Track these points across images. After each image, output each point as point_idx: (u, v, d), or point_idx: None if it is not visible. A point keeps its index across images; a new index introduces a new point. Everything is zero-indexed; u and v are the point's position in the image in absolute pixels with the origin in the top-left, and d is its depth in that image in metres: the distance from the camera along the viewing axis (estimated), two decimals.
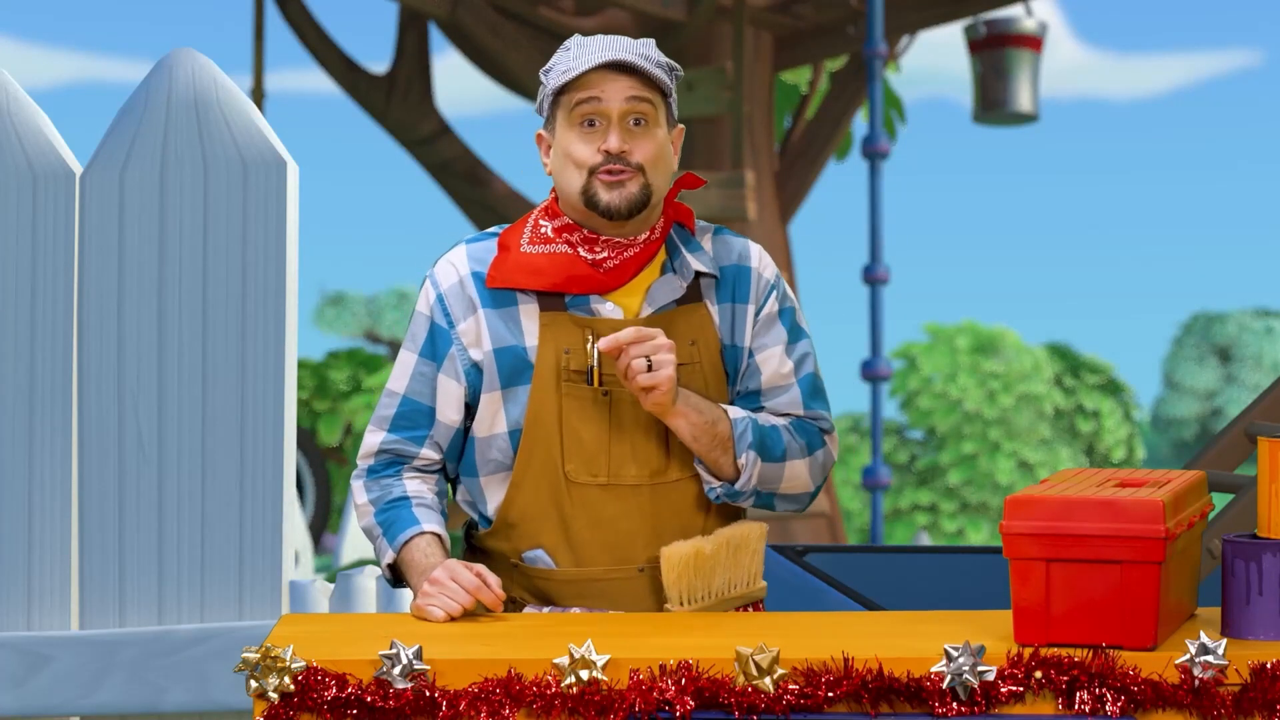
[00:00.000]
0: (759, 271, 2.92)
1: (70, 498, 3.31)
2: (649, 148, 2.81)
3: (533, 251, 2.85)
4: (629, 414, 2.82)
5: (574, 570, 2.82)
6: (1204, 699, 2.38)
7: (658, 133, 2.82)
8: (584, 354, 2.81)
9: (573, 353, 2.81)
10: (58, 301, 3.32)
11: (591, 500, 2.81)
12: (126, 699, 3.26)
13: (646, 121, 2.81)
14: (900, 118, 13.23)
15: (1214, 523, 3.59)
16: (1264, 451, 2.60)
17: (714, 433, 2.79)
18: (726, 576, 2.84)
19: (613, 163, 2.79)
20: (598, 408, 2.81)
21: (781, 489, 2.88)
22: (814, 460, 2.91)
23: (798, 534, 10.52)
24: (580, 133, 2.80)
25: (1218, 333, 39.96)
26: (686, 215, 2.92)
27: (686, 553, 2.79)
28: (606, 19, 10.92)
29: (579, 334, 2.81)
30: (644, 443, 2.82)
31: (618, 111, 2.79)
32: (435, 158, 11.07)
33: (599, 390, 2.81)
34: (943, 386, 27.98)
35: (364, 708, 2.39)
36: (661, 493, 2.83)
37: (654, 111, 2.82)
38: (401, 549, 2.82)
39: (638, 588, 2.83)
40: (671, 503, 2.83)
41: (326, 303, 39.06)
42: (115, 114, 3.37)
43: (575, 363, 2.80)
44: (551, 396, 2.80)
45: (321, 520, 15.48)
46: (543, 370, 2.80)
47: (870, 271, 9.50)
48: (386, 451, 2.88)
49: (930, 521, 27.52)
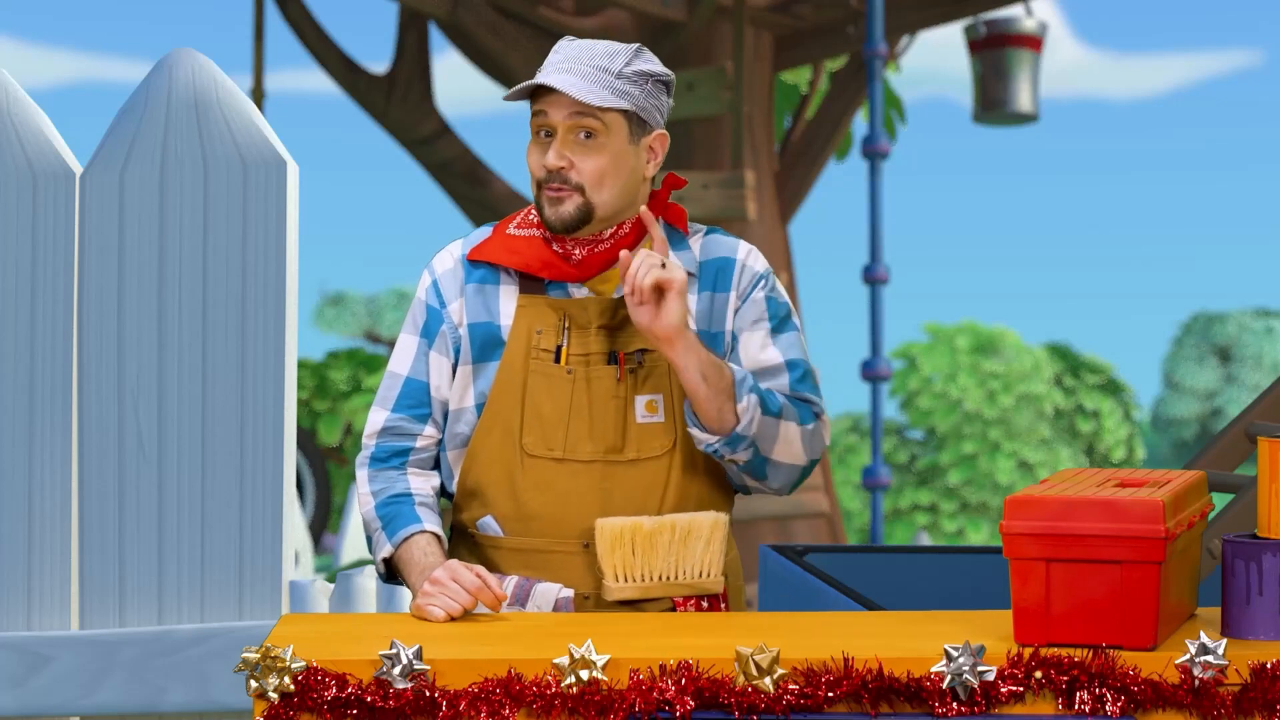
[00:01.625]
0: (744, 263, 2.96)
1: (70, 498, 3.31)
2: (591, 164, 2.85)
3: (516, 234, 2.95)
4: (591, 391, 2.88)
5: (520, 540, 2.89)
6: (1204, 699, 2.38)
7: (607, 147, 2.85)
8: (555, 334, 2.89)
9: (544, 332, 2.89)
10: (58, 301, 3.32)
11: (544, 473, 2.87)
12: (126, 699, 3.26)
13: (594, 135, 2.85)
14: (900, 118, 13.23)
15: (1214, 523, 3.59)
16: (1264, 451, 2.60)
17: (721, 374, 2.82)
18: (672, 561, 2.84)
19: (551, 180, 2.86)
20: (561, 384, 2.88)
21: (775, 453, 2.88)
22: (806, 430, 2.90)
23: (798, 534, 10.52)
24: (537, 142, 2.89)
25: (1218, 333, 39.95)
26: (678, 216, 2.96)
27: (623, 526, 2.81)
28: (606, 19, 10.92)
29: (554, 316, 2.90)
30: (602, 420, 2.87)
31: (563, 126, 2.85)
32: (435, 158, 11.07)
33: (564, 368, 2.87)
34: (943, 386, 27.98)
35: (364, 708, 2.39)
36: (615, 471, 2.87)
37: (602, 126, 2.84)
38: (400, 545, 2.86)
39: (580, 563, 2.87)
40: (624, 483, 2.87)
41: (326, 303, 39.06)
42: (115, 114, 3.37)
43: (545, 341, 2.89)
44: (518, 372, 2.88)
45: (321, 520, 15.48)
46: (513, 347, 2.89)
47: (870, 271, 9.50)
48: (390, 430, 2.96)
49: (930, 521, 27.52)
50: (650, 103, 2.88)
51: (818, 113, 11.48)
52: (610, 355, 2.89)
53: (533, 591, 2.88)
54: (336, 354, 20.66)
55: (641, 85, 2.87)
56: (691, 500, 2.91)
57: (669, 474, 2.89)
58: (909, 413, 28.36)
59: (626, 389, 2.89)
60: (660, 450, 2.89)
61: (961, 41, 11.44)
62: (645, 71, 2.87)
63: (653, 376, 2.90)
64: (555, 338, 2.89)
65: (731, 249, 2.97)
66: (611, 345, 2.89)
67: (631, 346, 2.90)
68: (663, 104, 2.91)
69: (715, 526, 2.85)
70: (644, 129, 2.89)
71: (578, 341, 2.89)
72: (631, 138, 2.87)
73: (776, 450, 2.88)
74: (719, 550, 2.87)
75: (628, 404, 2.88)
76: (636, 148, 2.88)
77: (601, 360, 2.88)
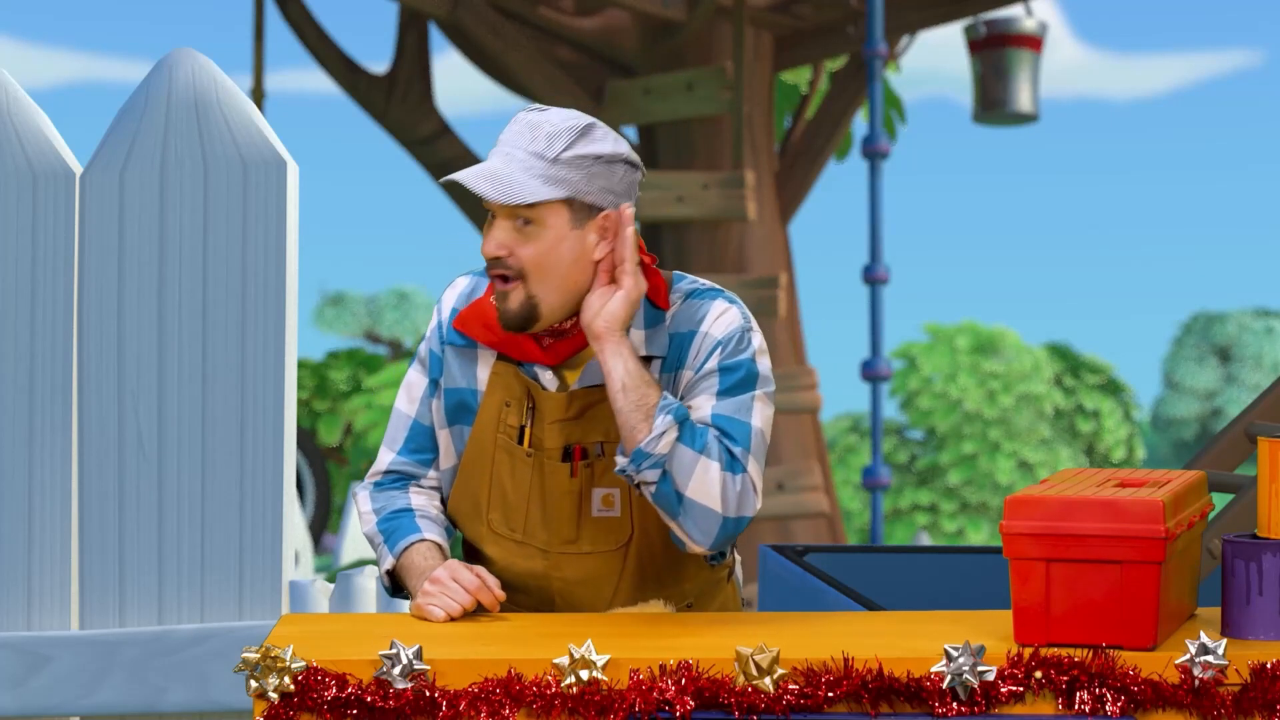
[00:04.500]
0: (706, 333, 2.80)
1: (70, 498, 3.31)
2: (529, 252, 2.73)
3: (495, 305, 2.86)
4: (549, 479, 2.83)
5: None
6: (1204, 699, 2.38)
7: (544, 236, 2.72)
8: (521, 411, 2.84)
9: (511, 406, 2.84)
10: (58, 301, 3.32)
11: (508, 551, 2.88)
12: (126, 699, 3.26)
13: (531, 223, 2.73)
14: (900, 118, 13.23)
15: (1214, 523, 3.59)
16: (1264, 451, 2.60)
17: (642, 391, 2.70)
18: None
19: (493, 266, 2.76)
20: (523, 466, 2.84)
21: (690, 490, 2.69)
22: (730, 478, 2.70)
23: (798, 534, 10.52)
24: (487, 223, 2.78)
25: (1218, 333, 39.95)
26: (655, 290, 2.83)
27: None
28: (606, 19, 10.92)
29: (522, 391, 2.83)
30: (556, 511, 2.83)
31: (501, 213, 2.75)
32: (435, 158, 11.07)
33: (525, 450, 2.83)
34: (943, 386, 27.99)
35: (364, 708, 2.39)
36: (568, 562, 2.85)
37: (537, 216, 2.72)
38: (401, 555, 2.86)
39: None
40: (579, 571, 2.86)
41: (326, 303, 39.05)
42: (115, 114, 3.37)
43: (511, 418, 2.84)
44: (486, 449, 2.86)
45: (321, 520, 15.48)
46: (484, 417, 2.86)
47: (870, 271, 9.50)
48: (395, 471, 2.96)
49: (930, 521, 27.53)
50: (595, 185, 2.73)
51: (818, 113, 11.48)
52: (565, 451, 2.82)
53: None
54: (336, 354, 20.66)
55: (583, 168, 2.72)
56: (649, 586, 2.87)
57: (623, 565, 2.85)
58: (909, 413, 28.37)
59: (582, 483, 2.83)
60: (615, 544, 2.84)
61: (961, 41, 11.44)
62: (588, 155, 2.73)
63: (611, 470, 2.81)
64: (520, 416, 2.83)
65: (702, 317, 2.81)
66: (568, 439, 2.81)
67: (590, 439, 2.82)
68: (615, 182, 2.75)
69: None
70: (589, 212, 2.74)
71: (538, 428, 2.83)
72: (574, 222, 2.73)
73: (691, 488, 2.68)
74: None
75: (583, 497, 2.83)
76: (581, 231, 2.73)
77: (557, 456, 2.82)
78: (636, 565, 2.85)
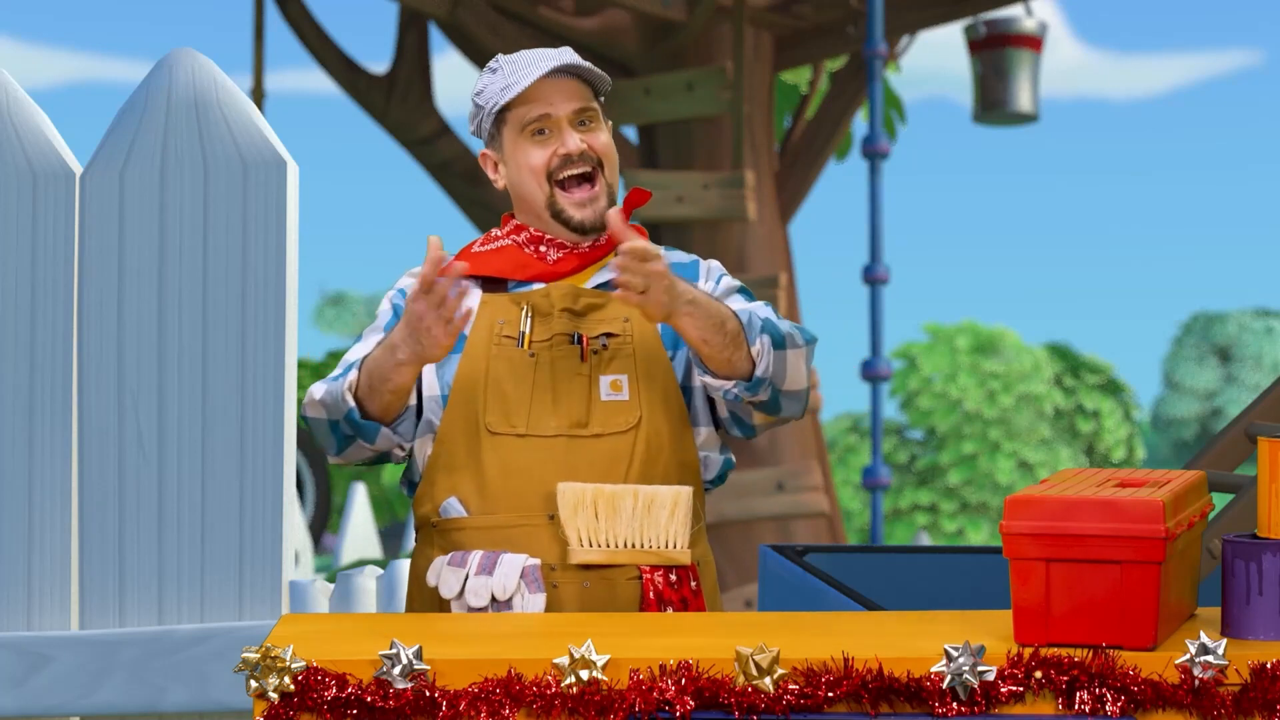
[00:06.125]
0: (706, 266, 3.03)
1: (70, 498, 3.31)
2: (603, 141, 2.95)
3: (482, 250, 3.00)
4: (555, 370, 2.90)
5: (484, 518, 2.89)
6: (1204, 699, 2.38)
7: (603, 126, 2.96)
8: (518, 324, 2.91)
9: (506, 323, 2.92)
10: (58, 301, 3.32)
11: (507, 450, 2.88)
12: (126, 699, 3.26)
13: (593, 122, 2.96)
14: (900, 118, 13.23)
15: (1214, 523, 3.59)
16: (1264, 451, 2.60)
17: (724, 330, 2.84)
18: (636, 529, 2.85)
19: (572, 164, 2.92)
20: (524, 366, 2.90)
21: (786, 384, 2.89)
22: (807, 352, 2.92)
23: (798, 534, 10.52)
24: (534, 142, 2.93)
25: (1218, 333, 39.95)
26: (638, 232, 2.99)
27: (585, 490, 2.83)
28: (606, 19, 10.92)
29: (515, 310, 2.93)
30: (566, 396, 2.89)
31: (565, 119, 2.92)
32: (435, 158, 11.07)
33: (526, 351, 2.90)
34: (943, 386, 27.98)
35: (364, 708, 2.39)
36: (579, 446, 2.88)
37: (597, 114, 2.97)
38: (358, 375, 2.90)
39: (545, 535, 2.87)
40: (588, 457, 2.88)
41: (326, 303, 39.03)
42: (115, 114, 3.37)
43: (509, 330, 2.91)
44: (480, 360, 2.91)
45: (321, 520, 15.47)
46: (475, 338, 2.92)
47: (870, 271, 9.50)
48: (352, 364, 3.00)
49: (930, 521, 27.52)
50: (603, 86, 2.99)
51: (818, 113, 11.48)
52: (574, 336, 2.91)
53: (499, 561, 2.87)
54: (336, 354, 20.64)
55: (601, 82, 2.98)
56: (656, 477, 2.92)
57: (633, 449, 2.89)
58: (909, 413, 28.36)
59: (590, 368, 2.91)
60: (624, 426, 2.90)
61: (961, 41, 11.44)
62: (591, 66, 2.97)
63: (617, 358, 2.92)
64: (516, 326, 2.92)
65: (691, 262, 3.03)
66: (575, 328, 2.92)
67: (595, 331, 2.92)
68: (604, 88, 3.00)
69: (678, 499, 2.86)
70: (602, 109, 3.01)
71: (540, 327, 2.91)
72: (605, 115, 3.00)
73: (787, 382, 2.90)
74: (684, 523, 2.87)
75: (592, 382, 2.90)
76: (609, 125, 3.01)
77: (565, 341, 2.91)
78: (645, 449, 2.89)
